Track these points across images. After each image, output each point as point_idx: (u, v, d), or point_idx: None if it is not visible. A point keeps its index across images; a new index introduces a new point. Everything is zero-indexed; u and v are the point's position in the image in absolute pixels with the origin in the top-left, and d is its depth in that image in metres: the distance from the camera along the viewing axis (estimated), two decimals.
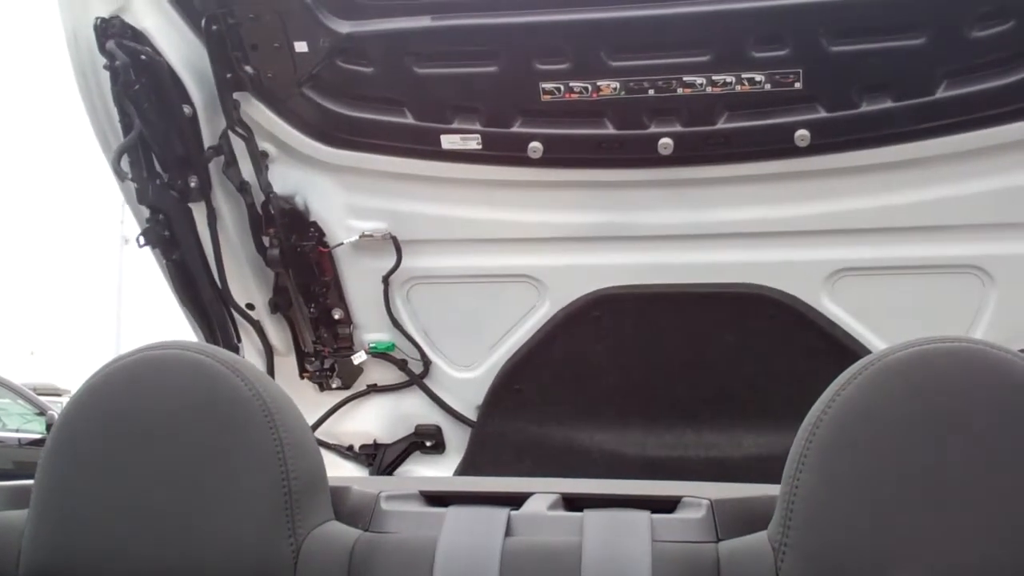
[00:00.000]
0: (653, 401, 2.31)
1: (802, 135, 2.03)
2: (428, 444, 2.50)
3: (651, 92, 2.03)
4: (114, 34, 2.04)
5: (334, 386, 2.50)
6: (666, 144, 2.06)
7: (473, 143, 2.15)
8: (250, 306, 2.40)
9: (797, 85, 1.99)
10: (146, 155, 2.15)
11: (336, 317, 2.41)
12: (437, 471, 2.50)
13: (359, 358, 2.43)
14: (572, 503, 1.22)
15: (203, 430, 1.06)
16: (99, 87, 2.15)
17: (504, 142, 2.13)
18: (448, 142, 2.15)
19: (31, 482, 1.13)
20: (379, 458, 2.51)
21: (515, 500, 1.19)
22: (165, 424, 1.07)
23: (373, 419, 2.52)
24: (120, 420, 1.08)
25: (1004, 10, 1.90)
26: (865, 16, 1.95)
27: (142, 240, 2.26)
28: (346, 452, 2.54)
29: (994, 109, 1.97)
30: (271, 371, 2.44)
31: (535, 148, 2.11)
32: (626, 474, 2.14)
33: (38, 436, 9.28)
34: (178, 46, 2.11)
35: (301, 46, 2.10)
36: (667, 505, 1.16)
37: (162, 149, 2.15)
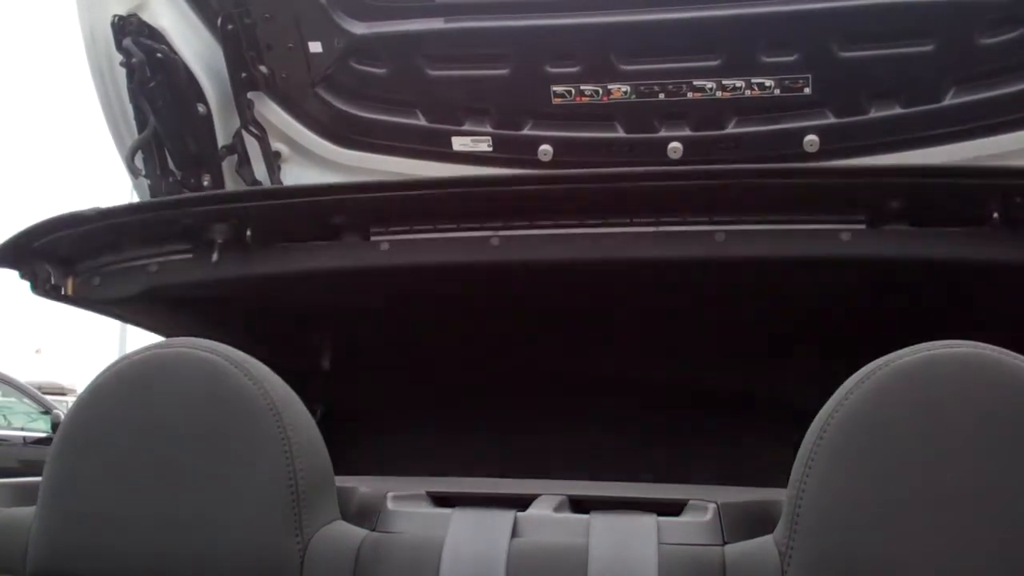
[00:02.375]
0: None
1: (811, 140, 2.02)
2: None
3: (661, 96, 2.03)
4: (131, 32, 2.06)
5: None
6: (675, 148, 2.06)
7: (484, 145, 2.15)
8: None
9: (806, 90, 1.99)
10: (160, 152, 2.16)
11: None
12: None
13: None
14: (579, 505, 1.22)
15: (211, 428, 1.07)
16: (115, 84, 2.17)
17: (515, 144, 2.14)
18: (459, 144, 2.16)
19: (39, 479, 1.13)
20: None
21: (522, 502, 1.19)
22: (173, 422, 1.07)
23: None
24: (128, 418, 1.09)
25: (1013, 18, 1.90)
26: (874, 22, 1.95)
27: None
28: None
29: (1003, 116, 1.97)
30: None
31: (545, 151, 2.11)
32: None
33: (43, 435, 9.27)
34: (194, 45, 2.13)
35: (315, 46, 2.11)
36: (673, 508, 1.16)
37: (176, 147, 2.16)
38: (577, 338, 2.01)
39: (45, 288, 1.73)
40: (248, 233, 1.64)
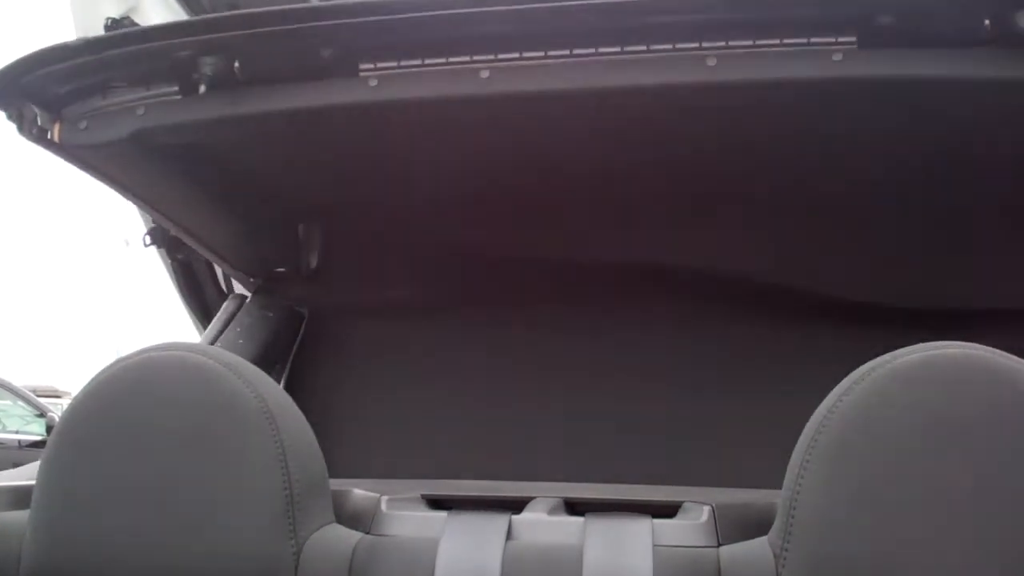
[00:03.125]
0: None
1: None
2: None
3: None
4: None
5: None
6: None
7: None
8: None
9: None
10: None
11: None
12: None
13: None
14: (573, 508, 1.22)
15: (204, 432, 1.07)
16: None
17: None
18: None
19: (32, 483, 1.13)
20: None
21: (517, 504, 1.19)
22: (166, 426, 1.08)
23: None
24: (122, 422, 1.09)
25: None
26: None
27: (148, 239, 2.26)
28: None
29: None
30: None
31: None
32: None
33: (38, 438, 9.28)
34: None
35: None
36: (668, 510, 1.16)
37: None
38: (571, 179, 1.93)
39: (32, 132, 1.68)
40: (236, 65, 1.58)
